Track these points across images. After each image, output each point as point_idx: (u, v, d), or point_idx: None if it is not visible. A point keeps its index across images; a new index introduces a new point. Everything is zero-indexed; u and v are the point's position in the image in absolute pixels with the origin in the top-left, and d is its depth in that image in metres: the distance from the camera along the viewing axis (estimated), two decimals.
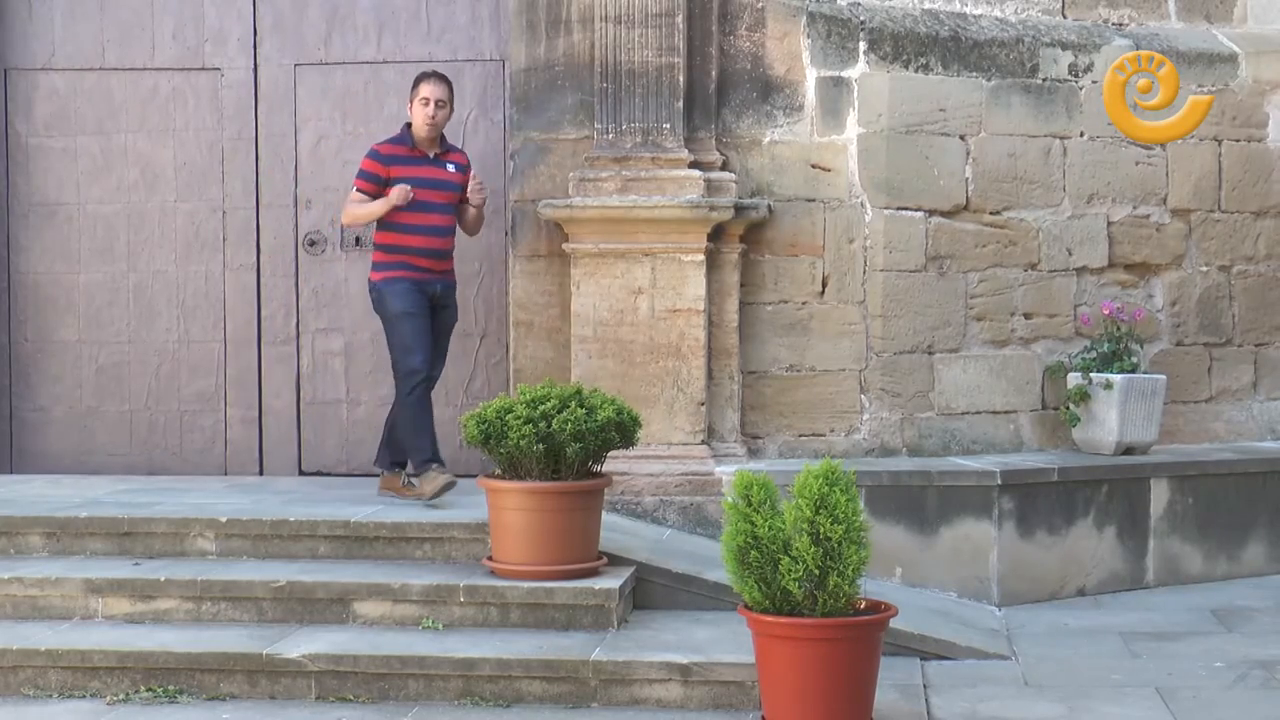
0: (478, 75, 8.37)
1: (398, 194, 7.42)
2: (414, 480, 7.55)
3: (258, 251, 8.52)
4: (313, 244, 8.48)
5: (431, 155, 7.62)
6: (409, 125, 7.62)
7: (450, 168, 7.66)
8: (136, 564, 6.91)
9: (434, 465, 7.44)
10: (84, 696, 6.16)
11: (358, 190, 7.56)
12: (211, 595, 6.64)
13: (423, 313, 7.52)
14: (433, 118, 7.55)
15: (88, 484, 8.13)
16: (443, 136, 7.71)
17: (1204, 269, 8.78)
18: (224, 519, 7.09)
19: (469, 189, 7.61)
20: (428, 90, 7.56)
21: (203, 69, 8.53)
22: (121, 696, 6.14)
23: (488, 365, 8.37)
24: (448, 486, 7.36)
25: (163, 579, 6.67)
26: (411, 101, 7.61)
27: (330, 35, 8.46)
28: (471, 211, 7.70)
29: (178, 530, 7.08)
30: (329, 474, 8.46)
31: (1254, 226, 8.89)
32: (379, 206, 7.49)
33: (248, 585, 6.64)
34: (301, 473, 8.49)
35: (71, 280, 8.64)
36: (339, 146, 8.47)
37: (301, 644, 6.26)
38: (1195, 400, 8.80)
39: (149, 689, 6.16)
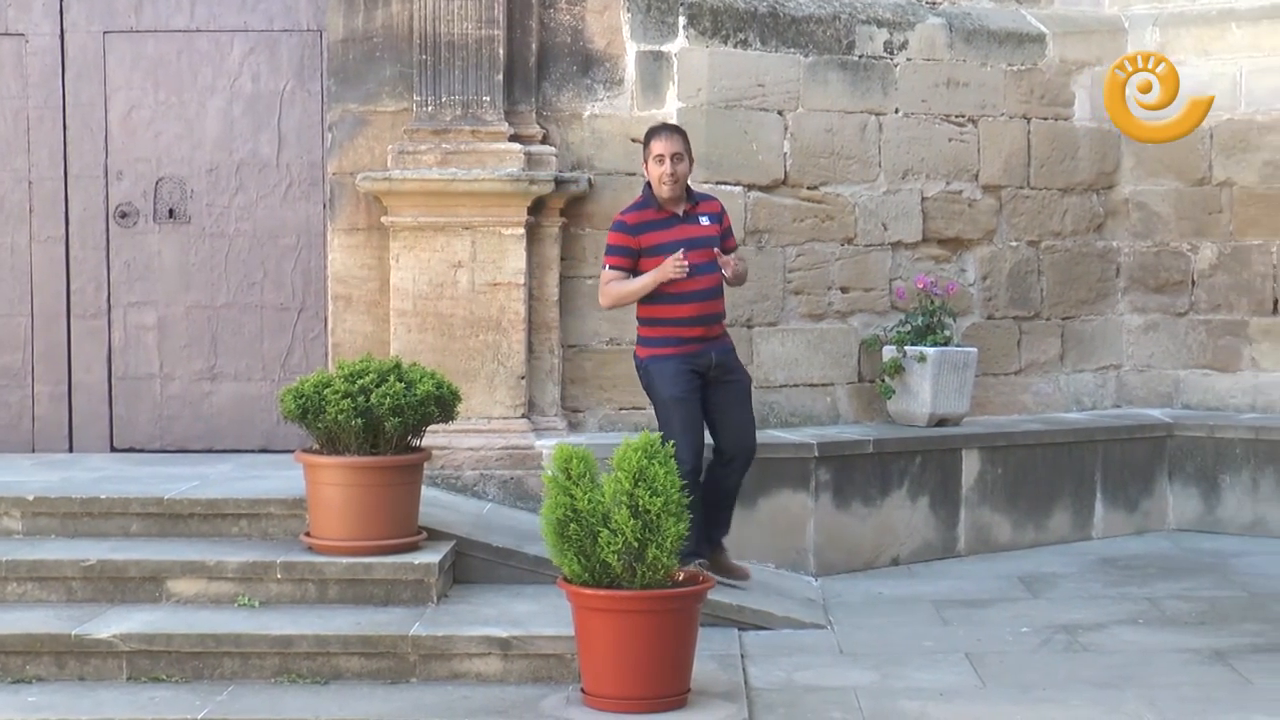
0: (294, 46, 8.23)
1: (671, 267, 6.68)
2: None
3: (66, 223, 8.28)
4: (124, 216, 8.28)
5: (681, 213, 6.88)
6: (649, 186, 6.90)
7: (704, 220, 6.92)
8: None
9: (698, 561, 6.72)
10: None
11: (610, 268, 6.84)
12: (18, 575, 6.47)
13: (694, 396, 6.80)
14: (671, 174, 6.79)
15: None
16: (689, 189, 6.95)
17: (1014, 244, 9.00)
18: (31, 497, 6.91)
19: (720, 261, 6.83)
20: (660, 146, 6.82)
21: (5, 34, 8.24)
22: None
23: (305, 339, 8.26)
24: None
25: None
26: (645, 161, 6.89)
27: (141, 2, 8.23)
28: (739, 265, 7.03)
29: None
30: (142, 450, 8.28)
31: (1061, 203, 9.13)
32: (648, 281, 6.75)
33: (56, 565, 6.49)
34: (113, 449, 8.29)
35: None
36: (151, 117, 8.27)
37: (113, 624, 6.14)
38: (1005, 372, 9.02)
39: None
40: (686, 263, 6.71)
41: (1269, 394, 9.11)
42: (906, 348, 8.29)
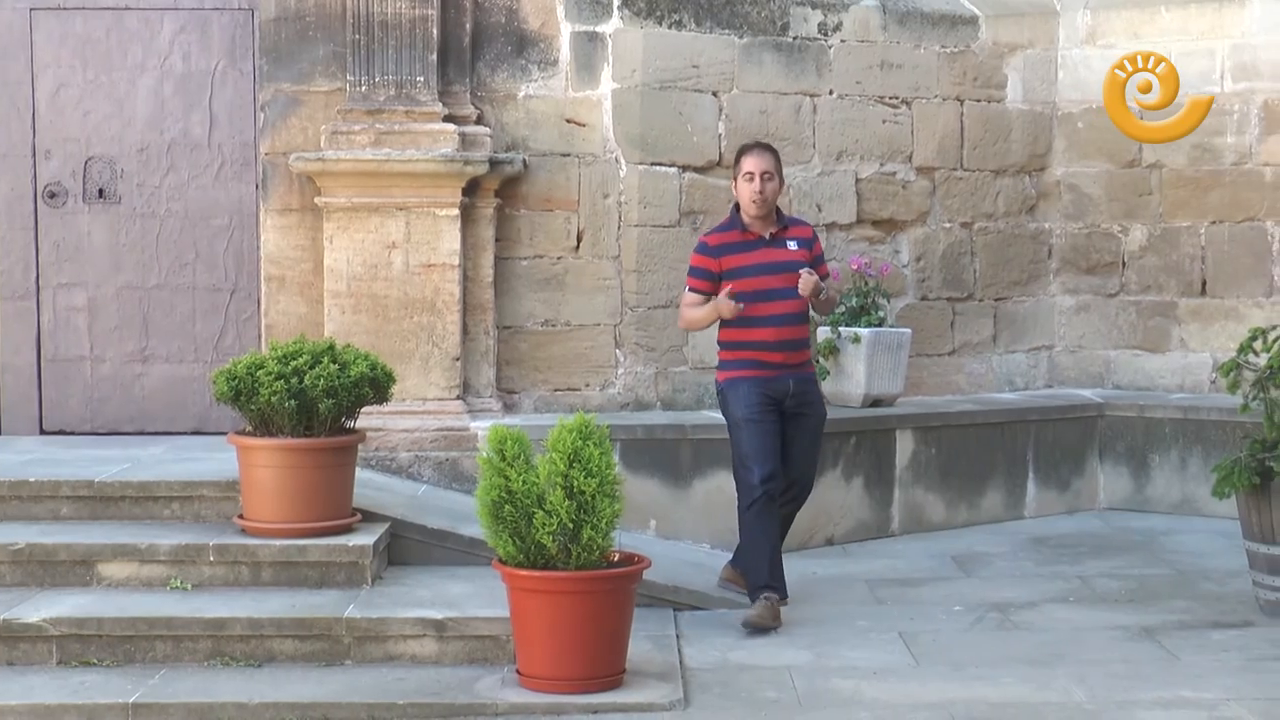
0: (226, 24, 8.16)
1: (726, 309, 6.60)
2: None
3: None
4: (53, 196, 8.19)
5: (767, 236, 6.77)
6: (737, 207, 6.82)
7: (791, 245, 6.79)
8: None
9: (765, 595, 6.61)
10: None
11: (690, 290, 6.81)
12: None
13: (768, 417, 6.67)
14: (760, 193, 6.68)
15: None
16: (779, 211, 6.85)
17: (947, 225, 9.05)
18: None
19: (799, 285, 6.65)
20: (750, 163, 6.73)
21: None
22: None
23: (239, 321, 8.20)
24: (762, 627, 6.50)
25: None
26: (735, 180, 6.81)
27: None
28: (823, 286, 6.80)
29: None
30: (73, 433, 8.20)
31: (994, 184, 9.19)
32: (706, 313, 6.74)
33: None
34: (43, 432, 8.21)
35: None
36: (80, 95, 8.17)
37: (42, 608, 6.09)
38: (939, 353, 9.07)
39: None
40: (741, 307, 6.59)
41: (1197, 374, 9.21)
42: (841, 329, 8.32)
